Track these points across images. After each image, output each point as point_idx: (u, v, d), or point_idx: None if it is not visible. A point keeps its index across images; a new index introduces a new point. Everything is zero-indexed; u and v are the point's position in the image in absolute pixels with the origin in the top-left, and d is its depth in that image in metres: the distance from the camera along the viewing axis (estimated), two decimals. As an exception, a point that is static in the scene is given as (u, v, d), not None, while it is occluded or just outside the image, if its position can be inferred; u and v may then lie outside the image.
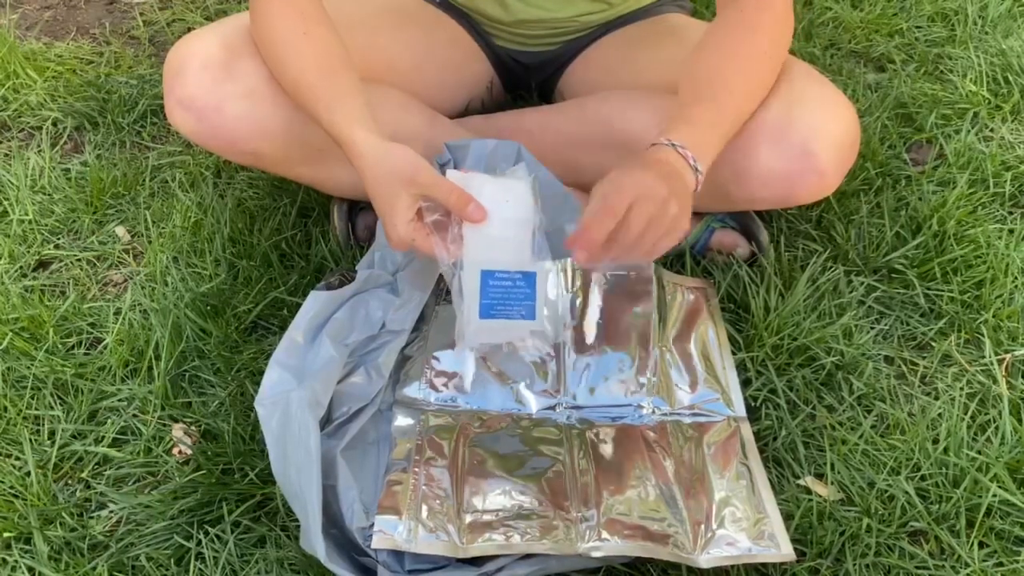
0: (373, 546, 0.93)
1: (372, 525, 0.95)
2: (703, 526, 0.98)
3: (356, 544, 0.95)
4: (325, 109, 1.08)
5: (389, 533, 0.94)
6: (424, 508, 0.97)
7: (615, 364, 1.15)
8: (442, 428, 1.07)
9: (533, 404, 1.12)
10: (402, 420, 1.08)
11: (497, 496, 0.99)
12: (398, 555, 0.95)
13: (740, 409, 1.12)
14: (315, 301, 1.11)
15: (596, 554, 0.95)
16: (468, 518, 0.97)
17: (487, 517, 0.97)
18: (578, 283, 1.17)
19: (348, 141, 1.06)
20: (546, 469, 1.03)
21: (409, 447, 1.04)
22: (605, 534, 0.96)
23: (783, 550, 0.97)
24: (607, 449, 1.06)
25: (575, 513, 0.98)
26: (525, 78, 1.44)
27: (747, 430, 1.10)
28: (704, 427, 1.10)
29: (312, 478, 0.93)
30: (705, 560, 0.95)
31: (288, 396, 0.99)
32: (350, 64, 1.11)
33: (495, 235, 1.04)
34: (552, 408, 1.12)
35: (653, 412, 1.12)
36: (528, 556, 0.95)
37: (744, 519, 0.99)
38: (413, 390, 1.11)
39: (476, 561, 0.94)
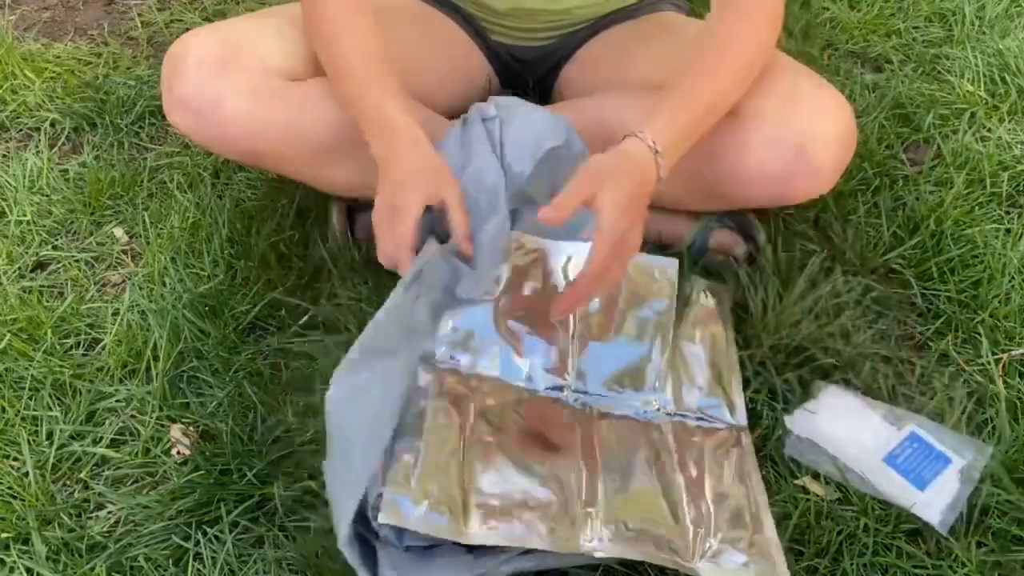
0: (380, 520, 0.92)
1: (380, 496, 0.94)
2: (703, 535, 0.98)
3: (365, 515, 0.94)
4: (367, 86, 1.12)
5: (396, 507, 0.93)
6: (433, 486, 0.95)
7: (628, 356, 1.14)
8: (457, 397, 1.06)
9: (541, 382, 1.12)
10: (422, 378, 1.07)
11: (503, 484, 0.98)
12: (398, 530, 0.94)
13: (742, 418, 1.12)
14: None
15: (598, 554, 0.95)
16: (473, 501, 0.96)
17: (492, 503, 0.96)
18: None
19: (383, 116, 1.11)
20: (554, 458, 1.02)
21: (423, 410, 1.03)
22: (607, 534, 0.96)
23: (779, 570, 0.96)
24: (613, 446, 1.06)
25: (579, 509, 0.98)
26: (522, 75, 1.44)
27: (748, 441, 1.10)
28: (707, 433, 1.10)
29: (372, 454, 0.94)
30: (704, 569, 0.95)
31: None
32: (391, 59, 1.16)
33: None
34: (559, 389, 1.12)
35: (659, 410, 1.11)
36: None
37: (742, 531, 0.99)
38: (433, 345, 1.11)
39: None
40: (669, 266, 1.21)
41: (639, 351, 1.15)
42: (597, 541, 0.95)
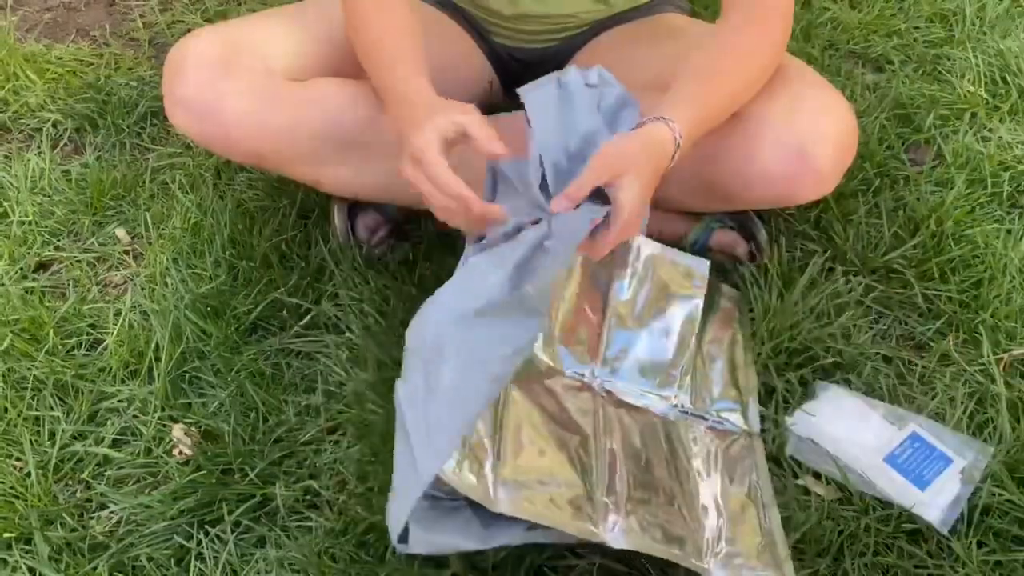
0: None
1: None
2: (715, 536, 0.99)
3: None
4: (394, 62, 1.12)
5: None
6: (467, 445, 0.95)
7: (653, 349, 1.15)
8: None
9: (567, 365, 1.11)
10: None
11: (534, 458, 0.98)
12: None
13: (755, 425, 1.12)
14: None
15: (614, 544, 0.94)
16: (504, 470, 0.95)
17: (522, 475, 0.95)
18: (639, 264, 1.18)
19: (405, 92, 1.08)
20: (579, 441, 1.02)
21: None
22: (623, 525, 0.95)
23: None
24: (633, 437, 1.06)
25: (599, 497, 0.97)
26: (524, 76, 1.44)
27: (760, 447, 1.10)
28: (720, 435, 1.10)
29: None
30: (715, 570, 0.95)
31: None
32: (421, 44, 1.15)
33: None
34: (584, 374, 1.12)
35: (677, 407, 1.12)
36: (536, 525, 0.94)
37: (753, 538, 0.99)
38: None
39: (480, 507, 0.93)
40: (700, 266, 1.21)
41: (664, 346, 1.15)
42: (613, 531, 0.95)
